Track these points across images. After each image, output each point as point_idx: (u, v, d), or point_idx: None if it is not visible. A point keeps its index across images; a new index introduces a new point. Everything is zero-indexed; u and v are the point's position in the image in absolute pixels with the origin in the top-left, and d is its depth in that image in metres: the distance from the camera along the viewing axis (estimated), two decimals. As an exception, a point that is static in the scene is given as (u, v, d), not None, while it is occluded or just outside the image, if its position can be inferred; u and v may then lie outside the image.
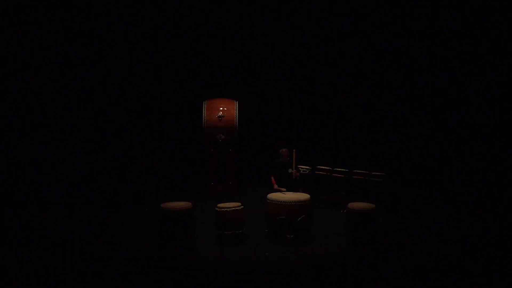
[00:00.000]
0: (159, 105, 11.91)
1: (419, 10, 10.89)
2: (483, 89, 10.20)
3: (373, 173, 9.38)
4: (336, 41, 11.75)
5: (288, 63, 12.06)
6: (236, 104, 10.36)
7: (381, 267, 6.60)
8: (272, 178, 8.78)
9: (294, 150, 8.49)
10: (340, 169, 9.59)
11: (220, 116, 10.19)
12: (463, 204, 9.38)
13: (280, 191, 8.31)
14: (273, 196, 7.70)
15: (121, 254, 7.04)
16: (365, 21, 11.42)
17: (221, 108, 10.26)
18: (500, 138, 9.90)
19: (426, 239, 7.61)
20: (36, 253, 7.04)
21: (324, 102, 12.06)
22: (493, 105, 10.06)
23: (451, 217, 8.72)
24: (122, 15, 11.20)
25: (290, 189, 8.46)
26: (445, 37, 10.70)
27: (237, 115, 10.27)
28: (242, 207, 7.54)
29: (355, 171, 9.51)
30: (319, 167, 9.65)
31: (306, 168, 9.39)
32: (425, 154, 11.02)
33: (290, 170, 8.63)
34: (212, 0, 11.54)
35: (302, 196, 7.72)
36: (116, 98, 11.60)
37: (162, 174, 11.58)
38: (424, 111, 11.17)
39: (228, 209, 7.40)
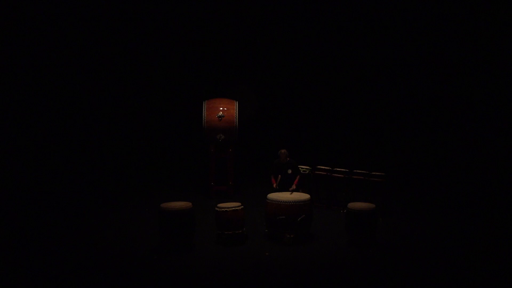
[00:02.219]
0: (159, 105, 11.90)
1: (416, 10, 10.89)
2: (483, 89, 10.20)
3: (373, 173, 9.36)
4: (336, 41, 11.74)
5: (288, 63, 12.05)
6: (236, 104, 10.34)
7: (381, 267, 6.60)
8: (272, 179, 8.73)
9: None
10: (340, 169, 9.57)
11: (220, 116, 10.18)
12: (462, 204, 9.37)
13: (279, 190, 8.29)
14: (273, 196, 7.70)
15: (121, 254, 7.03)
16: (364, 21, 11.42)
17: (221, 108, 10.25)
18: (500, 138, 9.89)
19: (426, 239, 7.61)
20: (36, 253, 7.04)
21: (324, 102, 12.05)
22: (492, 105, 10.06)
23: (451, 217, 8.71)
24: (122, 15, 11.20)
25: (289, 189, 8.43)
26: (444, 37, 10.70)
27: (237, 115, 10.25)
28: (242, 207, 7.53)
29: (355, 171, 9.48)
30: (319, 167, 9.63)
31: (306, 168, 9.37)
32: (425, 154, 11.01)
33: (289, 171, 8.61)
34: (212, 0, 11.54)
35: (302, 196, 7.72)
36: (117, 98, 11.60)
37: (162, 174, 11.57)
38: (424, 111, 11.16)
39: (228, 209, 7.39)
